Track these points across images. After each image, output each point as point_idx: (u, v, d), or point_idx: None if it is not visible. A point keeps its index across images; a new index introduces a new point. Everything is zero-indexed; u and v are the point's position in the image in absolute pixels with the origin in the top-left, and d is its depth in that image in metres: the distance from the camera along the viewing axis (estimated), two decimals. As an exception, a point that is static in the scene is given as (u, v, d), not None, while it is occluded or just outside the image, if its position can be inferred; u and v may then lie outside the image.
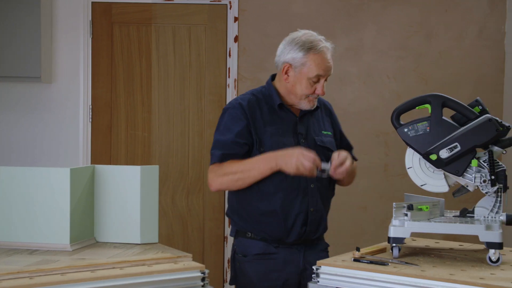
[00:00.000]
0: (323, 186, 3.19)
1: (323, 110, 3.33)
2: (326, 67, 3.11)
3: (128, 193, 2.98)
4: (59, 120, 5.21)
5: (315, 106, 3.18)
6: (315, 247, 3.22)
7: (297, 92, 3.14)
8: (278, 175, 3.06)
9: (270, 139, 3.11)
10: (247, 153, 3.12)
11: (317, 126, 3.24)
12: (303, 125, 3.20)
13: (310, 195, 3.14)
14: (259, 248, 3.16)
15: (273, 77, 3.29)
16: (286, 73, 3.15)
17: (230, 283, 3.31)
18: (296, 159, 2.94)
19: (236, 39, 5.29)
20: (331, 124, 3.32)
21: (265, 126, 3.13)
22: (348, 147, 3.38)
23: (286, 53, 3.14)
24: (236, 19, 5.29)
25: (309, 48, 3.11)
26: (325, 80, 3.14)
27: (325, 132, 3.25)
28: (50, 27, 5.14)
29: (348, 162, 3.02)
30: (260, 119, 3.14)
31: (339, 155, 3.02)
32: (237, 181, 3.07)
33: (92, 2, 5.22)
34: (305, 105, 3.16)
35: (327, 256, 3.16)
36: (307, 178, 3.08)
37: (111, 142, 5.29)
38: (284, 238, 3.14)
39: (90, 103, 5.24)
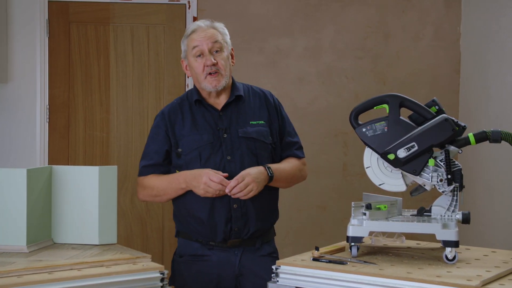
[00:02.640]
0: None
1: (259, 99, 3.27)
2: (200, 37, 3.15)
3: (86, 193, 2.95)
4: (15, 120, 5.14)
5: (219, 85, 3.13)
6: (255, 251, 3.16)
7: (196, 77, 3.18)
8: None
9: (186, 138, 3.14)
10: (169, 158, 3.19)
11: (243, 117, 3.20)
12: (226, 118, 3.18)
13: None
14: (194, 249, 3.16)
15: None
16: (186, 69, 3.25)
17: (169, 284, 3.28)
18: (203, 183, 2.99)
19: (195, 39, 5.28)
20: (268, 113, 3.25)
21: (184, 127, 3.17)
22: (288, 145, 3.28)
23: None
24: (195, 19, 5.27)
25: (186, 35, 3.23)
26: (218, 52, 3.15)
27: (254, 122, 3.20)
28: (5, 26, 5.06)
29: (235, 188, 2.99)
30: (181, 121, 3.18)
31: (238, 175, 3.00)
32: (156, 197, 3.21)
33: (49, 1, 5.16)
34: (207, 86, 3.15)
35: (271, 262, 2.83)
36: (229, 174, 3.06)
37: (68, 142, 5.24)
38: (213, 237, 3.11)
39: (47, 103, 5.18)
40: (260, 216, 3.15)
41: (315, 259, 2.71)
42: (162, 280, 2.56)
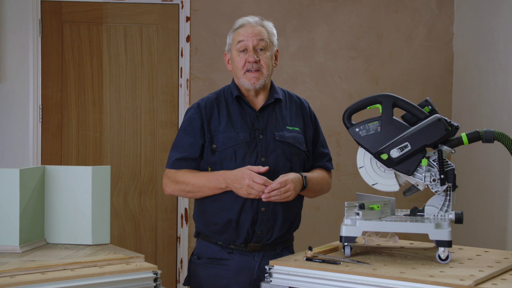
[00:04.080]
0: None
1: (295, 105, 3.25)
2: (247, 33, 3.12)
3: (80, 193, 2.95)
4: (8, 120, 5.13)
5: (257, 83, 3.11)
6: (275, 256, 3.01)
7: (236, 71, 3.15)
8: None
9: (222, 135, 3.09)
10: (202, 153, 3.11)
11: (280, 121, 3.17)
12: (263, 119, 3.14)
13: None
14: (213, 252, 3.12)
15: None
16: (228, 62, 3.21)
17: (184, 284, 3.28)
18: (246, 185, 2.93)
19: (188, 38, 5.28)
20: (303, 121, 3.24)
21: (220, 123, 3.11)
22: (320, 156, 3.28)
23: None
24: (188, 18, 5.27)
25: (234, 28, 3.19)
26: (262, 50, 3.12)
27: (290, 128, 3.17)
28: (-2, 25, 5.06)
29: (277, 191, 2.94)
30: (217, 116, 3.13)
31: (281, 179, 2.95)
32: (188, 193, 3.11)
33: (42, 1, 5.15)
34: (245, 82, 3.12)
35: None
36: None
37: (62, 142, 5.23)
38: (235, 239, 3.07)
39: (40, 103, 5.17)
40: (285, 223, 3.11)
41: (308, 259, 2.71)
42: (155, 280, 2.55)
